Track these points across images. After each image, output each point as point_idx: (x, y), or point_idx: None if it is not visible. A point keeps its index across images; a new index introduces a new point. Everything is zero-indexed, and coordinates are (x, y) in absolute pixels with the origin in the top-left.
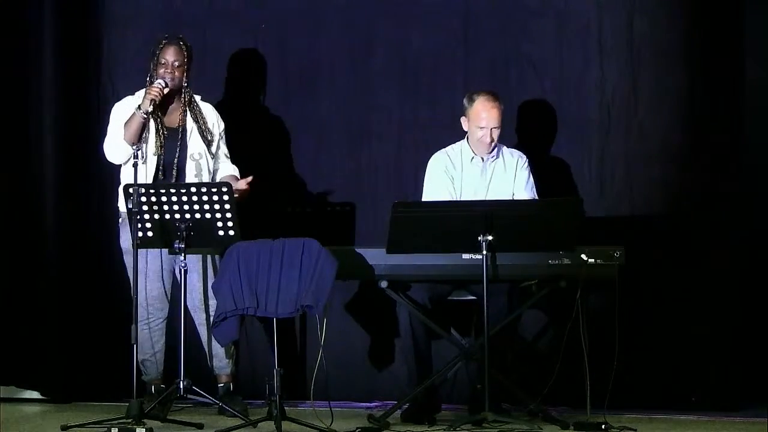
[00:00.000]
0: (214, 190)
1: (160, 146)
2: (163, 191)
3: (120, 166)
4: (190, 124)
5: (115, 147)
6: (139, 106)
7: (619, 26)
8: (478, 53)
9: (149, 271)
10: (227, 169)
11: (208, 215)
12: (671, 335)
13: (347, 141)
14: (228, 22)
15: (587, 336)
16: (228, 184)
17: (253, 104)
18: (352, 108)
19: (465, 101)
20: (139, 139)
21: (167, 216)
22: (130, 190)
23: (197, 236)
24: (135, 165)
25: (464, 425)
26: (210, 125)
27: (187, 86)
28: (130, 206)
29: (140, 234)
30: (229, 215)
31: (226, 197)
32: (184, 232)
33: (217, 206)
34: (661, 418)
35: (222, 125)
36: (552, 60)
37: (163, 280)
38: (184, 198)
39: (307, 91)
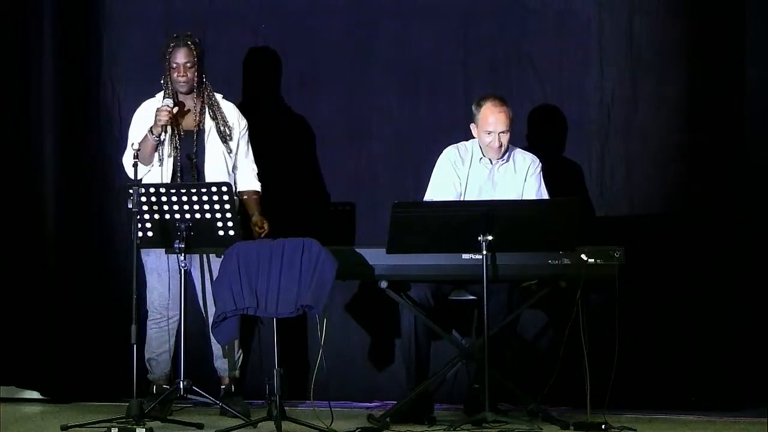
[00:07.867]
0: (214, 190)
1: (176, 147)
2: (163, 191)
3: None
4: (209, 124)
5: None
6: (152, 129)
7: (619, 26)
8: (478, 53)
9: (170, 270)
10: (249, 178)
11: (208, 215)
12: (671, 335)
13: (347, 141)
14: (228, 22)
15: (587, 336)
16: (228, 184)
17: (252, 103)
18: (352, 108)
19: (473, 108)
20: (153, 156)
21: (167, 216)
22: (130, 190)
23: (197, 236)
24: (135, 165)
25: (464, 425)
26: (230, 123)
27: (205, 84)
28: (130, 206)
29: (140, 234)
30: (229, 215)
31: (226, 197)
32: (184, 232)
33: (217, 206)
34: (661, 418)
35: (243, 123)
36: (552, 60)
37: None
38: (184, 198)
39: (307, 91)
